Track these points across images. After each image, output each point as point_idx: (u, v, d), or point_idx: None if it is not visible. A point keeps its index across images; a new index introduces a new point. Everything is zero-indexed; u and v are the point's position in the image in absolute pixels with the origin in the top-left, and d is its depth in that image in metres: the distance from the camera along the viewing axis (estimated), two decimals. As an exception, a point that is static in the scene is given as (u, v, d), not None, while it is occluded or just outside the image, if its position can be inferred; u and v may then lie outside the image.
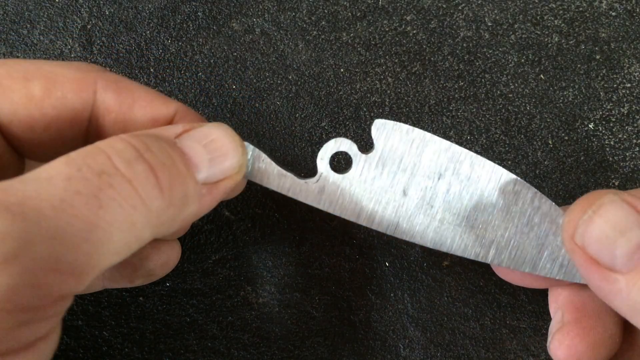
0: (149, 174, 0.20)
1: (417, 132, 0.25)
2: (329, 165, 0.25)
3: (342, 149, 0.25)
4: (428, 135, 0.25)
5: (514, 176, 0.25)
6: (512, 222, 0.25)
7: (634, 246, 0.21)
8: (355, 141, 0.25)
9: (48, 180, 0.18)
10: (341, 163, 0.26)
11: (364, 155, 0.25)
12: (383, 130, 0.25)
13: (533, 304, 0.31)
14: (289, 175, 0.25)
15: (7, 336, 0.17)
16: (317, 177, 0.25)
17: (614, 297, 0.22)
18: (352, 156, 0.25)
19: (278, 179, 0.25)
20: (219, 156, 0.22)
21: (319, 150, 0.25)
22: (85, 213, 0.18)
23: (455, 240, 0.25)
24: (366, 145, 0.26)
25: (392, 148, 0.25)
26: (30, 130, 0.23)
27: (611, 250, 0.22)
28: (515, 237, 0.25)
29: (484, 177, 0.25)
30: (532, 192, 0.25)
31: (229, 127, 0.23)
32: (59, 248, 0.17)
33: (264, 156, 0.25)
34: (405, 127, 0.25)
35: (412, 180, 0.25)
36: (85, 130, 0.24)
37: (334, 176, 0.25)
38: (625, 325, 0.26)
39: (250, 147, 0.25)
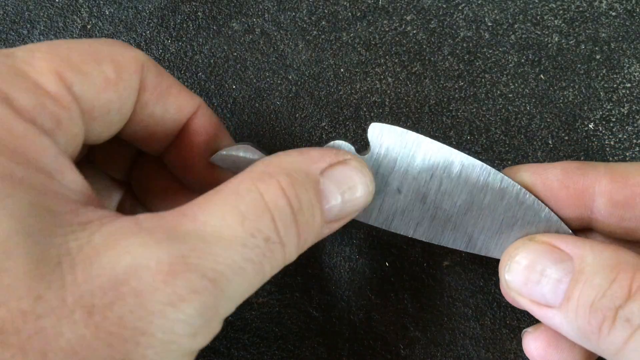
0: (296, 237, 0.21)
1: (411, 134, 0.26)
2: None
3: None
4: (421, 137, 0.26)
5: (500, 174, 0.27)
6: (498, 217, 0.27)
7: (555, 281, 0.23)
8: (354, 142, 0.27)
9: (229, 244, 0.19)
10: None
11: (360, 157, 0.26)
12: (379, 132, 0.26)
13: (533, 304, 0.31)
14: None
15: None
16: None
17: (559, 330, 0.24)
18: None
19: None
20: (351, 201, 0.24)
21: (319, 150, 0.26)
22: (251, 279, 0.20)
23: (445, 234, 0.27)
24: (363, 147, 0.27)
25: (387, 149, 0.26)
26: (107, 114, 0.22)
27: (539, 291, 0.23)
28: (502, 230, 0.27)
29: (472, 176, 0.27)
30: (517, 188, 0.26)
31: (367, 167, 0.25)
32: (230, 307, 0.20)
33: (263, 157, 0.26)
34: (399, 129, 0.26)
35: (406, 179, 0.27)
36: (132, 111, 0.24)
37: None
38: None
39: (250, 148, 0.26)
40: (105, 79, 0.22)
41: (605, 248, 0.23)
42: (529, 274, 0.24)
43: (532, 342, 0.27)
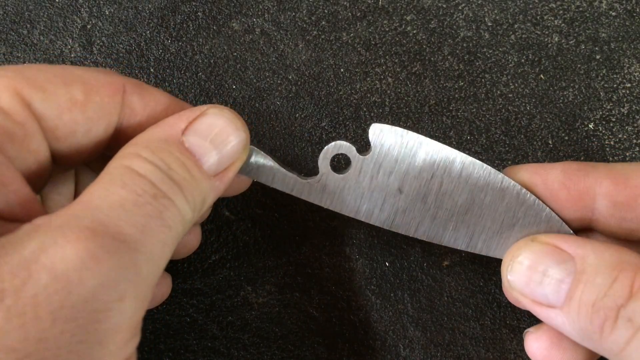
0: (180, 193, 0.22)
1: (411, 134, 0.27)
2: (329, 166, 0.27)
3: (341, 151, 0.27)
4: (421, 137, 0.27)
5: (500, 174, 0.27)
6: (499, 216, 0.27)
7: (557, 282, 0.23)
8: (355, 142, 0.27)
9: (123, 207, 0.20)
10: (341, 164, 0.27)
11: (361, 157, 0.27)
12: (379, 133, 0.27)
13: (533, 304, 0.31)
14: (293, 175, 0.26)
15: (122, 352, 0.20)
16: (318, 176, 0.27)
17: (562, 331, 0.24)
18: (350, 158, 0.27)
19: (282, 179, 0.27)
20: (225, 146, 0.24)
21: (318, 150, 0.27)
22: (160, 234, 0.20)
23: (446, 234, 0.27)
24: (364, 147, 0.27)
25: (387, 150, 0.27)
26: (72, 134, 0.23)
27: (541, 291, 0.24)
28: (502, 230, 0.27)
29: (473, 175, 0.27)
30: (517, 188, 0.27)
31: (228, 109, 0.24)
32: (152, 269, 0.20)
33: (268, 158, 0.26)
34: (400, 130, 0.27)
35: (407, 179, 0.27)
36: (111, 135, 0.24)
37: (334, 176, 0.27)
38: None
39: (254, 150, 0.26)
40: (71, 100, 0.22)
41: (607, 248, 0.23)
42: (531, 275, 0.24)
43: (534, 342, 0.27)
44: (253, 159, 0.26)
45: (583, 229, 0.27)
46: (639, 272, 0.22)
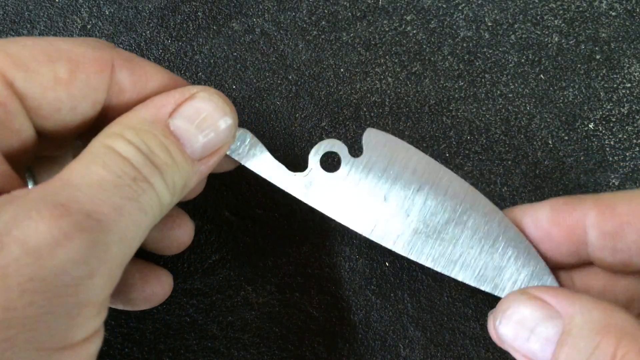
0: (160, 178, 0.22)
1: (404, 145, 0.26)
2: (319, 163, 0.27)
3: (334, 149, 0.27)
4: (413, 149, 0.26)
5: (487, 200, 0.26)
6: (479, 242, 0.26)
7: (544, 340, 0.22)
8: (354, 142, 0.27)
9: (100, 187, 0.20)
10: (331, 163, 0.27)
11: (352, 159, 0.27)
12: (373, 138, 0.26)
13: (533, 304, 0.31)
14: (281, 166, 0.26)
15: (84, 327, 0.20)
16: (306, 172, 0.27)
17: None
18: (342, 157, 0.27)
19: (270, 168, 0.26)
20: (211, 132, 0.23)
21: (316, 149, 0.26)
22: (135, 217, 0.21)
23: (424, 251, 0.26)
24: (357, 150, 0.27)
25: (378, 156, 0.26)
26: (57, 112, 0.23)
27: (529, 347, 0.23)
28: (481, 257, 0.26)
29: (459, 196, 0.26)
30: (500, 216, 0.26)
31: (217, 93, 0.24)
32: (123, 249, 0.20)
33: (259, 145, 0.26)
34: (393, 138, 0.26)
35: (393, 189, 0.26)
36: (99, 112, 0.24)
37: (322, 173, 0.27)
38: None
39: (248, 135, 0.26)
40: (55, 78, 0.22)
41: (596, 307, 0.22)
42: (519, 330, 0.23)
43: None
44: (244, 143, 0.26)
45: (582, 264, 0.27)
46: (622, 339, 0.21)
